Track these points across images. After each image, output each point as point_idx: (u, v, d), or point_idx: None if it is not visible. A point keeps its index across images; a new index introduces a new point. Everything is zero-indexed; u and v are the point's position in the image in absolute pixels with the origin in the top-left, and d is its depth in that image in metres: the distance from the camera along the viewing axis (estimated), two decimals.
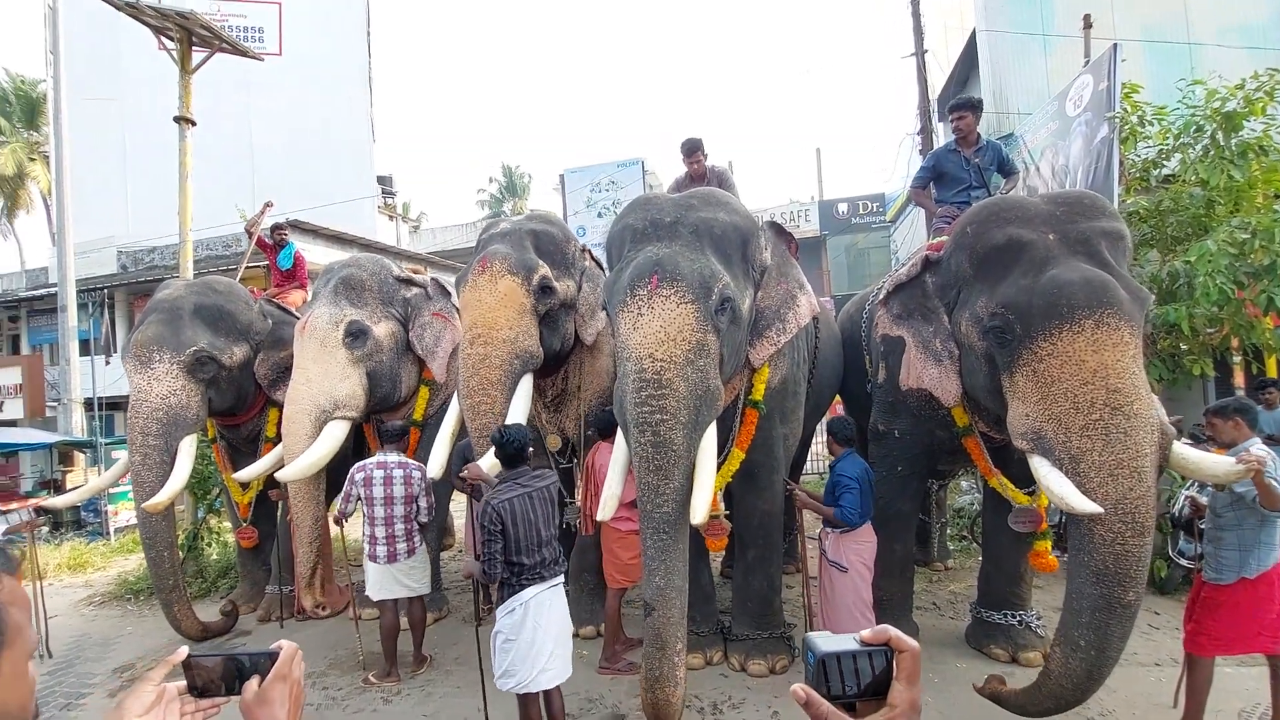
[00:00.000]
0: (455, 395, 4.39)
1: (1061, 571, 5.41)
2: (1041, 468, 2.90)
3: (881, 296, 3.98)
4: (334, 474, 4.81)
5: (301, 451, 4.41)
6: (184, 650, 0.91)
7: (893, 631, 0.75)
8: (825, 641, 0.75)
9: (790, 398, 4.19)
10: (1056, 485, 2.80)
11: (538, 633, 3.13)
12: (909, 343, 3.65)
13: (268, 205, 7.15)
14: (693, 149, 5.15)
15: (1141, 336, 2.91)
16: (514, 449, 3.26)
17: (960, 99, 4.82)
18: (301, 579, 4.72)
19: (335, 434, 4.52)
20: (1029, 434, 2.96)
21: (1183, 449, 3.06)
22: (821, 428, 6.25)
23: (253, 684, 0.90)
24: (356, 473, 4.31)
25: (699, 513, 3.08)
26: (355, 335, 4.72)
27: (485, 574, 3.11)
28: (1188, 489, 4.47)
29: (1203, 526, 3.65)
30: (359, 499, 4.28)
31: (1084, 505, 2.69)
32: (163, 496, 4.55)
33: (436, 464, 4.24)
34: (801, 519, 4.61)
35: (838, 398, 5.77)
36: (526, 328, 4.06)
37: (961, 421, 3.82)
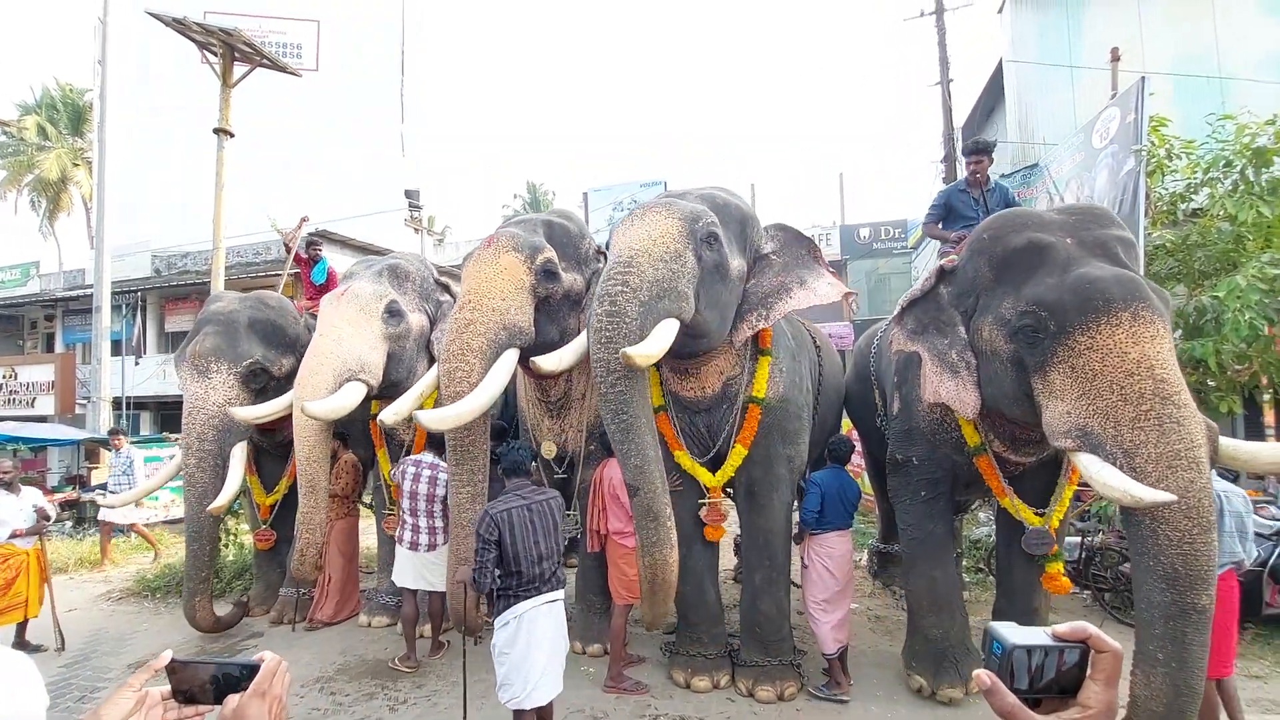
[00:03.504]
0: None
1: (1073, 600, 5.36)
2: (1093, 465, 2.74)
3: (895, 313, 3.99)
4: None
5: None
6: (167, 654, 0.86)
7: (1092, 630, 0.71)
8: (1013, 633, 0.72)
9: (791, 419, 4.19)
10: (1115, 479, 2.63)
11: (531, 648, 3.11)
12: (925, 357, 3.61)
13: (304, 220, 7.44)
14: None
15: (1171, 335, 2.88)
16: (513, 460, 3.40)
17: (977, 143, 5.05)
18: (308, 547, 4.57)
19: (354, 393, 4.49)
20: (1073, 431, 2.84)
21: (1232, 442, 2.95)
22: None
23: (232, 700, 0.84)
24: (394, 468, 4.81)
25: (656, 342, 3.24)
26: (393, 313, 4.90)
27: (475, 583, 3.10)
28: None
29: None
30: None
31: (1151, 495, 2.53)
32: (223, 499, 4.86)
33: (392, 412, 4.13)
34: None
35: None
36: (520, 304, 3.98)
37: (973, 441, 3.77)
